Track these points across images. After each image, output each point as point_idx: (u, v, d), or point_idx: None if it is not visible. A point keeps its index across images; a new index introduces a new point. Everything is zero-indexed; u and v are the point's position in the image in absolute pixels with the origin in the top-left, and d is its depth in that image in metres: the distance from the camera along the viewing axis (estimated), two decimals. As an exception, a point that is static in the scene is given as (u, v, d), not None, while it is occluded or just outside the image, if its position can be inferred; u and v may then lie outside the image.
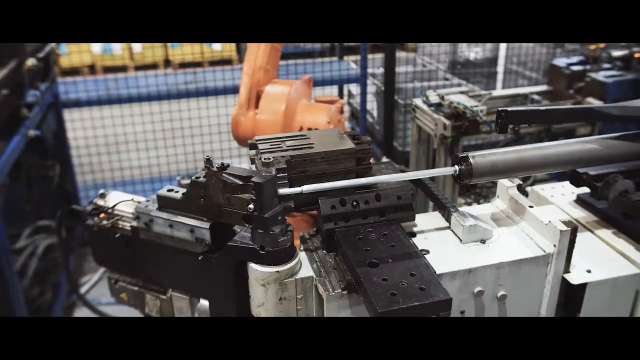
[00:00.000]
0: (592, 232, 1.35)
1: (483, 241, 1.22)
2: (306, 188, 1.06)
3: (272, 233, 1.04)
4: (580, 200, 1.47)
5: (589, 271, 1.20)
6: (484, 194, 3.37)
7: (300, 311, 1.13)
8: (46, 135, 3.28)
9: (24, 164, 3.10)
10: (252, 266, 1.10)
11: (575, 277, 1.18)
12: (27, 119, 2.87)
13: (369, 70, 6.17)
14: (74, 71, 7.81)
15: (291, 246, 1.10)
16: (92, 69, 8.33)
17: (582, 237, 1.31)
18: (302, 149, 1.17)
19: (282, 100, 2.22)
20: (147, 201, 1.26)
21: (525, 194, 1.66)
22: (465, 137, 2.84)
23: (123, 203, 1.31)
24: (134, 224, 1.24)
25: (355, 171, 1.20)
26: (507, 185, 1.34)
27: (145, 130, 4.51)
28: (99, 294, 3.83)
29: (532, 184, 1.69)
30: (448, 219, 1.28)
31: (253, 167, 1.22)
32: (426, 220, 1.31)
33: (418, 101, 3.03)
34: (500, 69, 6.86)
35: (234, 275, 1.13)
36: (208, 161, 1.11)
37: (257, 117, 2.24)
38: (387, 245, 1.11)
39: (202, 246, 1.17)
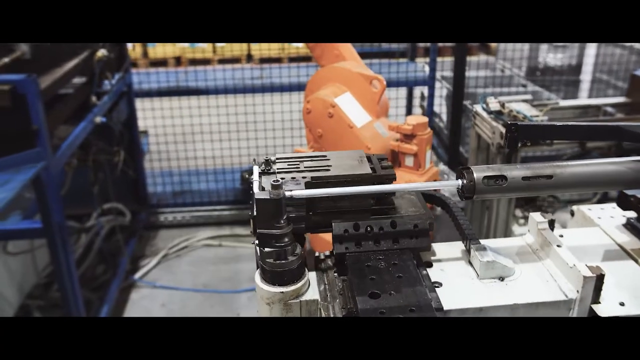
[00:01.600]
0: (636, 261, 1.25)
1: (502, 278, 1.16)
2: (296, 193, 1.05)
3: (267, 252, 1.05)
4: (629, 225, 1.36)
5: (622, 304, 1.11)
6: (545, 207, 3.21)
7: (305, 332, 1.13)
8: (115, 122, 3.46)
9: (92, 148, 3.29)
10: (258, 283, 1.11)
11: (605, 309, 1.10)
12: (96, 107, 3.05)
13: (443, 74, 6.03)
14: (161, 62, 8.19)
15: (298, 268, 1.10)
16: (178, 60, 8.68)
17: (622, 265, 1.23)
18: (319, 170, 1.16)
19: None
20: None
21: (572, 213, 1.56)
22: (525, 149, 2.72)
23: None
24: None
25: (372, 196, 1.17)
26: (537, 220, 1.27)
27: (219, 122, 4.68)
28: (156, 277, 4.01)
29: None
30: (468, 251, 1.23)
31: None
32: (447, 250, 1.27)
33: (478, 108, 2.93)
34: (586, 77, 6.48)
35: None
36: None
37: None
38: (394, 276, 1.08)
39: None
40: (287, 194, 1.05)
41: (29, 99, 2.26)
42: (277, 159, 1.22)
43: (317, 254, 1.25)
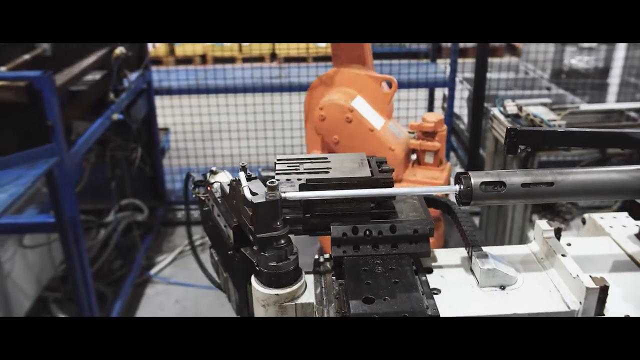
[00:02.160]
0: (646, 272, 1.21)
1: (503, 287, 1.13)
2: (290, 195, 1.04)
3: (264, 255, 1.04)
4: (641, 235, 1.32)
5: (627, 317, 1.08)
6: (563, 214, 3.14)
7: (300, 335, 1.12)
8: (133, 119, 3.50)
9: (109, 145, 3.34)
10: (254, 285, 1.10)
11: (609, 321, 1.06)
12: (113, 104, 3.08)
13: (464, 75, 5.95)
14: (187, 60, 8.28)
15: (294, 270, 1.09)
16: (203, 58, 8.76)
17: (631, 277, 1.20)
18: (317, 172, 1.15)
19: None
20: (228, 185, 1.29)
21: (583, 221, 1.52)
22: (542, 153, 2.66)
23: (222, 182, 1.35)
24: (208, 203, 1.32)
25: (371, 200, 1.15)
26: (542, 228, 1.23)
27: (237, 121, 4.69)
28: (171, 274, 4.05)
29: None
30: (470, 258, 1.20)
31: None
32: (449, 256, 1.24)
33: (495, 110, 2.88)
34: (614, 80, 6.33)
35: (248, 279, 1.13)
36: (243, 168, 1.13)
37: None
38: (390, 281, 1.06)
39: (229, 243, 1.19)
40: (283, 195, 1.04)
41: (45, 95, 2.30)
42: (278, 160, 1.22)
43: (316, 256, 1.24)
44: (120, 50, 3.05)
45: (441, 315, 1.03)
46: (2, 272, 3.03)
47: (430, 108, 5.38)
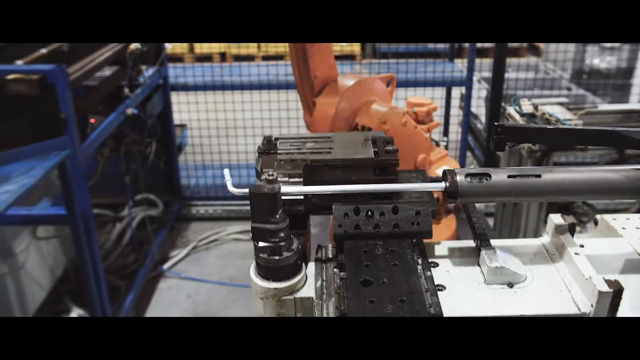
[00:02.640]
0: (660, 278, 1.16)
1: (511, 285, 1.09)
2: (287, 189, 1.02)
3: (256, 246, 1.02)
4: (656, 236, 1.27)
5: None
6: (579, 215, 3.06)
7: (300, 329, 1.09)
8: (148, 114, 3.51)
9: (124, 139, 3.35)
10: (252, 277, 1.08)
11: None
12: (128, 98, 3.09)
13: (483, 75, 5.88)
14: (206, 58, 8.31)
15: (294, 264, 1.06)
16: (223, 56, 8.78)
17: None
18: (320, 152, 1.12)
19: (336, 96, 2.18)
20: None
21: (595, 221, 1.47)
22: (557, 153, 2.60)
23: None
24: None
25: (374, 182, 1.12)
26: (555, 222, 1.19)
27: (253, 118, 4.69)
28: (184, 269, 4.06)
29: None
30: (479, 251, 1.16)
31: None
32: (456, 249, 1.20)
33: (511, 110, 2.83)
34: (637, 80, 6.20)
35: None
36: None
37: (316, 108, 2.22)
38: (389, 263, 1.04)
39: None
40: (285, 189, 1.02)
41: (58, 88, 2.31)
42: (280, 140, 1.19)
43: (319, 244, 1.21)
44: (135, 45, 3.06)
45: (444, 315, 1.00)
46: (16, 264, 3.06)
47: (447, 107, 5.32)
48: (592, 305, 1.01)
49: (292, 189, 1.06)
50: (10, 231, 2.98)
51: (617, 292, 1.00)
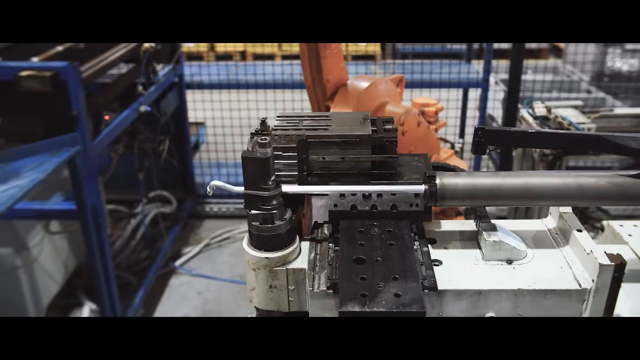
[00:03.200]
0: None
1: (510, 261, 1.06)
2: (288, 189, 1.02)
3: (253, 214, 1.00)
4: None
5: None
6: (593, 221, 2.99)
7: (293, 303, 1.07)
8: (162, 112, 3.54)
9: (138, 136, 3.38)
10: (244, 247, 1.07)
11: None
12: (141, 96, 3.12)
13: (502, 76, 5.81)
14: (227, 56, 8.36)
15: (287, 233, 1.05)
16: (243, 55, 8.83)
17: None
18: (317, 129, 1.10)
19: (352, 100, 2.14)
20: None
21: (601, 227, 1.44)
22: (570, 157, 2.55)
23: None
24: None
25: (372, 160, 1.10)
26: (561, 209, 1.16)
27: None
28: (196, 266, 4.06)
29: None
30: (478, 230, 1.13)
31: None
32: (456, 227, 1.17)
33: (524, 112, 2.78)
34: (661, 83, 6.06)
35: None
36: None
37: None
38: (385, 243, 1.02)
39: None
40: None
41: (70, 85, 2.34)
42: (278, 116, 1.18)
43: (315, 221, 1.19)
44: (149, 44, 3.09)
45: (439, 288, 0.98)
46: (30, 257, 3.10)
47: (464, 109, 5.26)
48: (593, 280, 0.98)
49: (291, 188, 1.06)
50: (24, 225, 3.01)
51: (619, 265, 0.96)
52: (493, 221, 1.13)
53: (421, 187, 1.04)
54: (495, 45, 6.95)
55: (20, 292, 3.09)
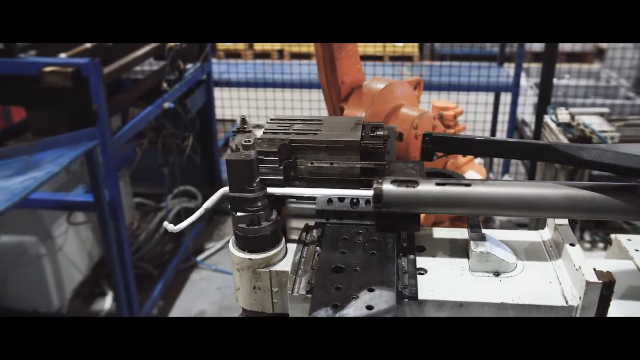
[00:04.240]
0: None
1: (497, 273, 1.03)
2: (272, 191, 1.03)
3: (234, 216, 1.01)
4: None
5: None
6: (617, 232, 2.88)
7: (277, 305, 1.08)
8: (186, 109, 3.59)
9: (162, 132, 3.45)
10: (230, 247, 1.08)
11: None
12: (166, 93, 3.18)
13: (535, 80, 5.68)
14: (265, 55, 8.44)
15: (272, 235, 1.05)
16: (280, 53, 8.89)
17: None
18: (306, 134, 1.10)
19: (366, 102, 2.13)
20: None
21: (609, 241, 1.39)
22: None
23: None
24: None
25: (361, 167, 1.09)
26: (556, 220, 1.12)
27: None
28: (218, 261, 4.12)
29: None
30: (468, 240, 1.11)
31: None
32: (447, 236, 1.16)
33: (547, 118, 2.71)
34: None
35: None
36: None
37: (344, 114, 2.18)
38: (366, 252, 1.00)
39: None
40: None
41: (91, 81, 2.41)
42: (270, 120, 1.18)
43: (306, 224, 1.19)
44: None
45: (419, 298, 0.96)
46: (54, 246, 3.20)
47: (495, 113, 5.17)
48: (580, 297, 0.95)
49: (274, 190, 1.06)
50: (49, 215, 3.11)
51: (607, 284, 0.92)
52: (485, 231, 1.11)
53: (370, 191, 1.03)
54: (534, 49, 6.79)
55: (44, 279, 3.20)
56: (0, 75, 2.47)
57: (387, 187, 1.01)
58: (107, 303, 3.55)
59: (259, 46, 8.54)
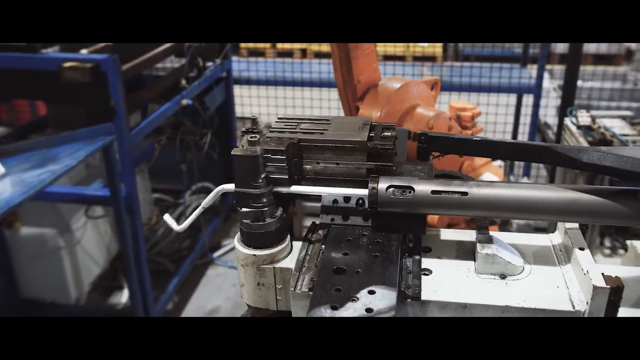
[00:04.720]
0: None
1: (503, 276, 1.02)
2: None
3: (240, 211, 1.01)
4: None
5: None
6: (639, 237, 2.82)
7: (280, 302, 1.08)
8: (205, 106, 3.62)
9: (180, 129, 3.48)
10: (235, 242, 1.08)
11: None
12: (185, 90, 3.21)
13: (559, 82, 5.59)
14: (287, 54, 8.47)
15: (277, 232, 1.05)
16: (303, 52, 8.91)
17: None
18: (313, 133, 1.09)
19: (381, 101, 2.11)
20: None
21: (625, 247, 1.36)
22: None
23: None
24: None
25: (367, 168, 1.08)
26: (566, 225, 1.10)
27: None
28: (234, 259, 4.12)
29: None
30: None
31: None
32: (454, 238, 1.14)
33: (567, 121, 2.66)
34: None
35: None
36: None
37: (359, 114, 2.17)
38: (369, 254, 0.99)
39: None
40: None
41: (109, 76, 2.44)
42: (278, 119, 1.18)
43: (313, 222, 1.19)
44: (191, 39, 3.18)
45: (423, 298, 0.95)
46: (72, 239, 3.25)
47: (517, 115, 5.10)
48: (587, 302, 0.93)
49: (280, 189, 1.06)
50: (68, 208, 3.17)
51: (615, 289, 0.90)
52: (493, 233, 1.09)
53: (365, 191, 1.02)
54: (560, 50, 6.67)
55: (63, 271, 3.26)
56: (22, 70, 2.52)
57: (382, 190, 1.01)
58: (124, 297, 3.60)
59: (281, 45, 8.55)
